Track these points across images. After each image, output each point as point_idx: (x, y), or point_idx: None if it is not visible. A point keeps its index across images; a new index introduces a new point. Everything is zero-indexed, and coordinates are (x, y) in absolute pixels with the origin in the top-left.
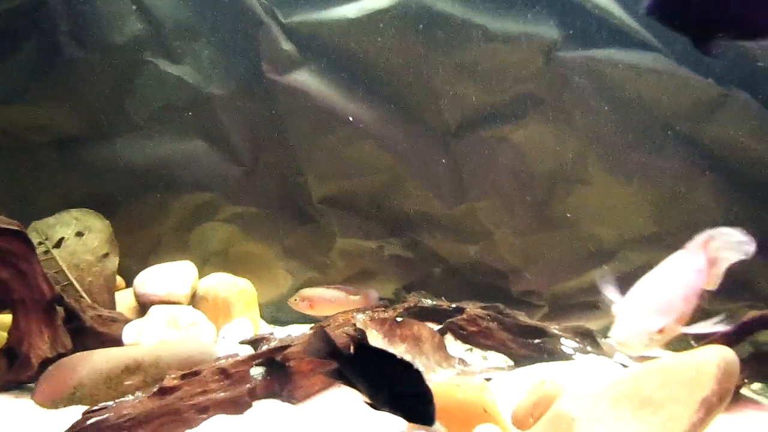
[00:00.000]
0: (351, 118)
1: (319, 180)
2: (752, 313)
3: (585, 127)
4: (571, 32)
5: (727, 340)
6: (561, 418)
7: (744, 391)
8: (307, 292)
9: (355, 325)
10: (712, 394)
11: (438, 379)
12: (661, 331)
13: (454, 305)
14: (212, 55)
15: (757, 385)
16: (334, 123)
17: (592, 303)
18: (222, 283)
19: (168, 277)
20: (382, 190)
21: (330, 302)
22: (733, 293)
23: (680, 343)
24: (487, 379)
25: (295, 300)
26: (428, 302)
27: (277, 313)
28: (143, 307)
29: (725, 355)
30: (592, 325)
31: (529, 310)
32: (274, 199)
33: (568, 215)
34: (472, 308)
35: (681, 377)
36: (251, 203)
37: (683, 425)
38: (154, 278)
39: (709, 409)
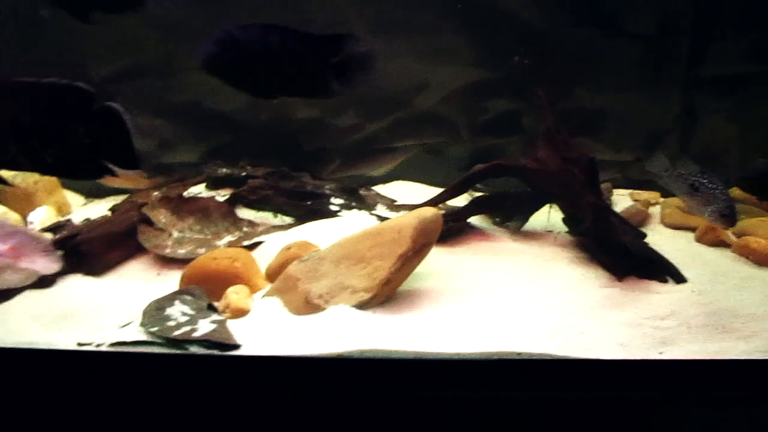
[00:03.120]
0: None
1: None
2: (478, 166)
3: None
4: None
5: (456, 189)
6: (289, 278)
7: (482, 223)
8: None
9: (142, 206)
10: (408, 250)
11: (221, 243)
12: None
13: (244, 173)
14: None
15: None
16: None
17: (374, 150)
18: (18, 175)
19: None
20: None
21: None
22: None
23: None
24: (258, 243)
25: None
26: (223, 171)
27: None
28: None
29: (423, 217)
30: (379, 169)
31: (322, 164)
32: None
33: None
34: (253, 181)
35: (386, 238)
36: None
37: (383, 273)
38: None
39: (405, 261)
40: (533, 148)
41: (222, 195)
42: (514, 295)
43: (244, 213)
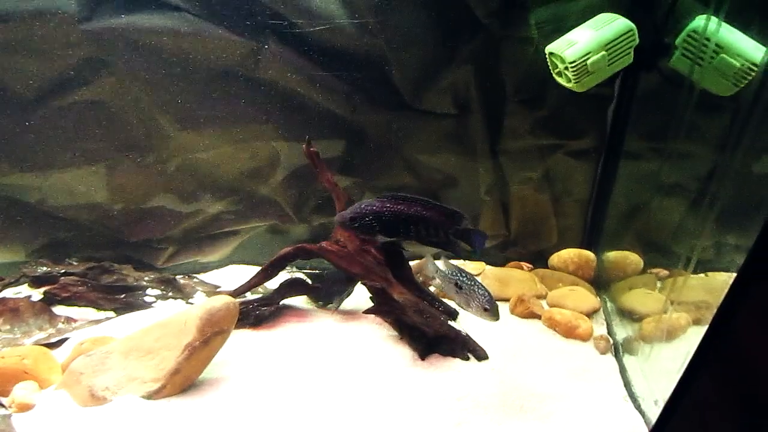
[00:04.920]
0: None
1: None
2: (284, 250)
3: (147, 91)
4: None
5: (266, 274)
6: (72, 373)
7: (304, 305)
8: None
9: None
10: (194, 339)
11: (29, 342)
12: None
13: (62, 271)
14: None
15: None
16: None
17: (213, 235)
18: None
19: None
20: None
21: None
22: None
23: None
24: (62, 341)
25: None
26: (42, 269)
27: None
28: None
29: (210, 306)
30: (215, 254)
31: (154, 252)
32: None
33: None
34: (65, 278)
35: (173, 329)
36: None
37: (170, 363)
38: None
39: (193, 351)
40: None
41: (41, 292)
42: (315, 379)
43: (66, 309)
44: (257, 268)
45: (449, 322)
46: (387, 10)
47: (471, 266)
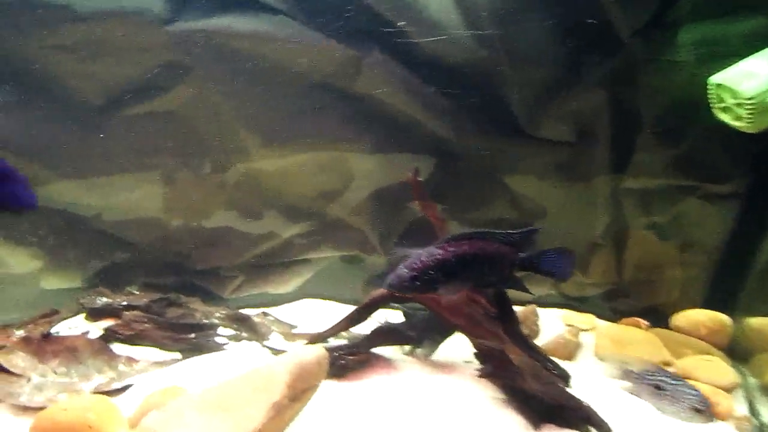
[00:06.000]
0: None
1: None
2: (377, 292)
3: (229, 101)
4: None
5: (354, 319)
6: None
7: (387, 351)
8: None
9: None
10: (282, 397)
11: (89, 387)
12: None
13: (124, 303)
14: None
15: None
16: None
17: (285, 264)
18: None
19: None
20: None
21: None
22: (418, 238)
23: None
24: (124, 387)
25: None
26: (102, 300)
27: None
28: None
29: (301, 360)
30: (286, 285)
31: (220, 281)
32: None
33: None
34: (129, 313)
35: (257, 384)
36: None
37: (254, 423)
38: None
39: (279, 409)
40: None
41: (102, 329)
42: None
43: (126, 347)
44: (333, 304)
45: (569, 390)
46: (512, 21)
47: (578, 319)
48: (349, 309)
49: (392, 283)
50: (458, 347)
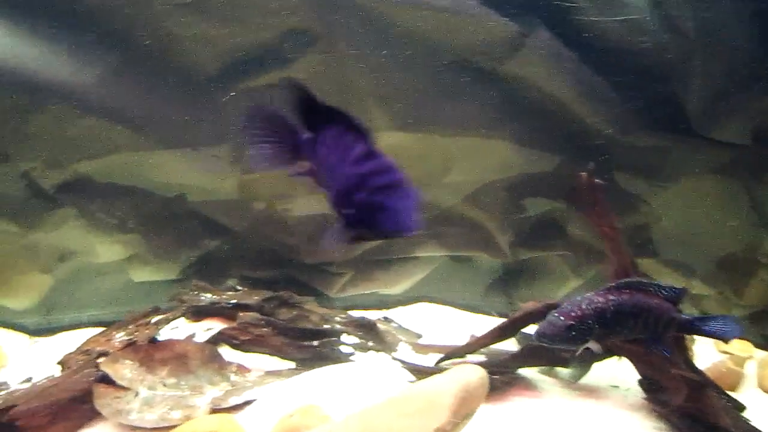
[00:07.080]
0: None
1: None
2: (530, 305)
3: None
4: None
5: (502, 332)
6: None
7: (530, 373)
8: None
9: (100, 362)
10: (446, 423)
11: (202, 402)
12: None
13: (233, 301)
14: None
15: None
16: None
17: (395, 262)
18: None
19: None
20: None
21: None
22: (543, 240)
23: None
24: (245, 404)
25: None
26: (206, 297)
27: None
28: None
29: (467, 382)
30: (396, 285)
31: (327, 278)
32: None
33: None
34: (245, 314)
35: (414, 407)
36: None
37: None
38: None
39: None
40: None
41: (205, 330)
42: None
43: (229, 353)
44: (449, 309)
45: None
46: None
47: (736, 347)
48: (466, 317)
49: (544, 332)
50: (603, 370)
